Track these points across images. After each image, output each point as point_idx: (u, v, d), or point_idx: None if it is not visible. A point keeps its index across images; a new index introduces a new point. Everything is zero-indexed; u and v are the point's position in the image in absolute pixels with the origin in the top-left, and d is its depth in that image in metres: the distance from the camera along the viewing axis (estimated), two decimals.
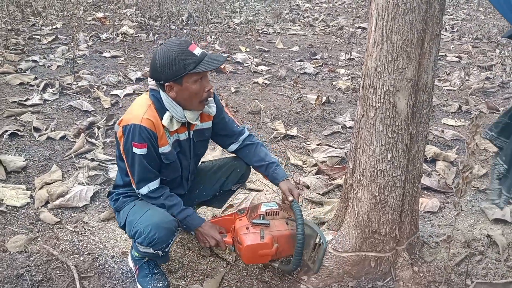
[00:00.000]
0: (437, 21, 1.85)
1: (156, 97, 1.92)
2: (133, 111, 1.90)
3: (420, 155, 2.07)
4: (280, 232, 2.00)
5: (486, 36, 7.82)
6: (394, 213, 2.07)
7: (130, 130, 1.86)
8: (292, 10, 10.21)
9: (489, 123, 4.21)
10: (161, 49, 1.86)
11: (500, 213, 2.68)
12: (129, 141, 1.87)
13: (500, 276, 2.21)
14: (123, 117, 1.92)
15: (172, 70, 1.82)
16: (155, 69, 1.85)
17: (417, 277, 2.16)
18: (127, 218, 1.98)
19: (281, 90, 5.03)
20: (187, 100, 1.90)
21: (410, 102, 1.91)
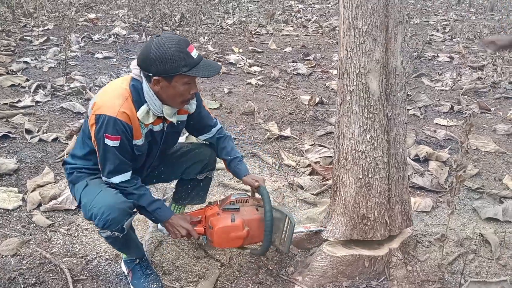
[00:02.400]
0: (398, 9, 2.00)
1: (136, 88, 1.86)
2: (108, 101, 1.82)
3: (401, 140, 2.11)
4: (250, 216, 2.06)
5: (477, 36, 7.88)
6: (381, 197, 2.10)
7: (104, 121, 1.79)
8: (285, 11, 10.23)
9: (480, 122, 4.25)
10: (158, 42, 1.79)
11: (492, 212, 2.70)
12: (101, 132, 1.81)
13: (493, 274, 2.22)
14: (96, 102, 1.84)
15: (165, 66, 1.77)
16: (147, 59, 1.79)
17: (411, 277, 2.18)
18: (81, 200, 1.94)
19: (275, 91, 5.03)
20: (170, 97, 1.87)
21: (381, 83, 2.01)
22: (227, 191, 2.94)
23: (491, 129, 4.08)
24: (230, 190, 2.95)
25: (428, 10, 11.29)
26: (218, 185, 3.02)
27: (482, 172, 3.28)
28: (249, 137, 3.79)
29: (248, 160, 3.37)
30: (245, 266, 2.23)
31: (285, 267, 2.23)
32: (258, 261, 2.26)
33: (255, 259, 2.27)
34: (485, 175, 3.24)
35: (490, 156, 3.55)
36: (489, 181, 3.15)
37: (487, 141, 3.74)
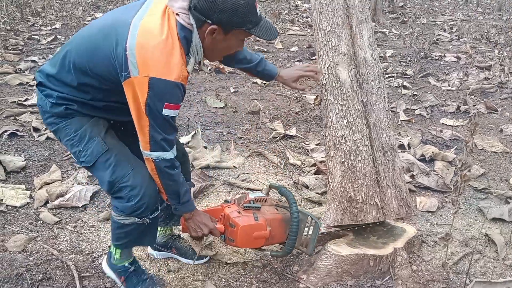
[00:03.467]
0: (359, 10, 2.25)
1: (187, 40, 1.60)
2: (163, 59, 1.52)
3: (383, 125, 2.22)
4: (272, 216, 2.00)
5: (484, 36, 7.83)
6: (366, 179, 2.16)
7: (165, 87, 1.53)
8: (291, 10, 10.22)
9: (487, 123, 4.23)
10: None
11: (498, 212, 2.69)
12: (159, 100, 1.54)
13: (498, 275, 2.22)
14: (146, 58, 1.50)
15: (232, 18, 1.56)
16: (214, 5, 1.53)
17: (415, 276, 2.17)
18: (98, 165, 1.73)
19: (280, 90, 5.04)
20: (216, 50, 1.70)
21: (351, 72, 2.20)
22: (232, 190, 2.95)
23: (498, 130, 4.06)
24: (236, 189, 2.97)
25: (435, 10, 11.23)
26: (224, 183, 3.03)
27: (489, 172, 3.26)
28: (255, 136, 3.80)
29: (254, 159, 3.38)
30: (249, 264, 2.24)
31: (289, 266, 2.24)
32: (262, 259, 2.27)
33: (260, 257, 2.28)
34: (492, 176, 3.22)
35: (496, 156, 3.53)
36: (495, 182, 3.14)
37: (494, 141, 3.72)
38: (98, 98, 1.73)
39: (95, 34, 1.65)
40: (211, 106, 4.45)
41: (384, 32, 8.24)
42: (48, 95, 1.73)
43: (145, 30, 1.53)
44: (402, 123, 4.15)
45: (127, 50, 1.52)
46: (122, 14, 1.65)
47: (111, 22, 1.64)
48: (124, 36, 1.54)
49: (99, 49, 1.60)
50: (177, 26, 1.57)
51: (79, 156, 1.77)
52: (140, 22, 1.55)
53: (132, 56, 1.51)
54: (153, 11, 1.59)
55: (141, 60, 1.51)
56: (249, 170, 3.23)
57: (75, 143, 1.76)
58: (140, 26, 1.54)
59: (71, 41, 1.74)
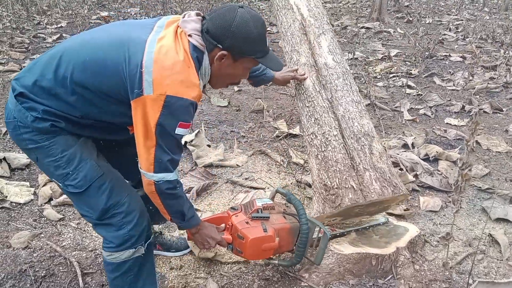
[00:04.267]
0: (316, 26, 2.62)
1: (199, 61, 1.58)
2: (180, 77, 1.48)
3: (353, 115, 2.36)
4: (280, 225, 1.97)
5: (490, 36, 7.79)
6: (339, 165, 2.26)
7: (182, 106, 1.49)
8: None
9: (492, 122, 4.21)
10: (243, 15, 1.56)
11: (502, 212, 2.68)
12: (174, 118, 1.50)
13: (502, 275, 2.21)
14: (162, 75, 1.46)
15: (243, 45, 1.57)
16: (227, 30, 1.53)
17: (418, 276, 2.17)
18: (91, 191, 1.61)
19: (284, 89, 5.03)
20: (222, 76, 1.67)
21: (312, 77, 2.47)
22: (235, 188, 2.95)
23: (503, 130, 4.04)
24: (238, 187, 2.97)
25: (441, 10, 11.18)
26: (227, 182, 3.03)
27: (493, 172, 3.25)
28: (258, 135, 3.80)
29: (257, 158, 3.38)
30: (251, 262, 2.24)
31: None
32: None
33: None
34: (496, 176, 3.20)
35: (501, 156, 3.51)
36: (499, 182, 3.12)
37: (499, 141, 3.70)
38: (89, 116, 1.61)
39: (102, 47, 1.54)
40: (215, 104, 4.45)
41: (389, 31, 8.21)
42: (32, 108, 1.55)
43: (162, 48, 1.49)
44: (406, 123, 4.13)
45: (143, 67, 1.46)
46: (133, 31, 1.58)
47: (122, 37, 1.55)
48: (139, 53, 1.48)
49: (107, 64, 1.51)
50: (190, 46, 1.54)
51: (66, 179, 1.61)
52: (156, 41, 1.51)
53: (148, 73, 1.45)
54: (166, 31, 1.56)
55: (157, 78, 1.45)
56: (252, 168, 3.23)
57: (62, 165, 1.60)
58: (156, 45, 1.50)
59: (65, 50, 1.58)
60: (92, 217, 1.66)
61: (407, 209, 2.72)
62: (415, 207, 2.78)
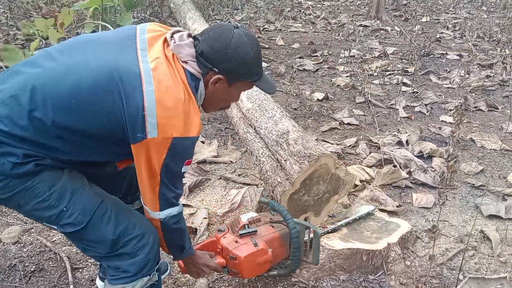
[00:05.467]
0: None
1: (195, 89, 1.47)
2: (183, 115, 1.37)
3: (270, 128, 2.67)
4: (270, 236, 1.92)
5: (487, 34, 7.78)
6: (269, 172, 2.49)
7: (188, 145, 1.42)
8: (294, 7, 10.20)
9: (487, 120, 4.21)
10: (240, 37, 1.46)
11: (495, 209, 2.67)
12: (181, 159, 1.43)
13: (493, 271, 2.20)
14: (167, 116, 1.34)
15: (239, 68, 1.48)
16: (223, 54, 1.44)
17: (409, 271, 2.17)
18: (93, 223, 1.43)
19: (280, 86, 5.02)
20: (215, 101, 1.58)
21: (242, 125, 3.02)
22: (228, 185, 2.95)
23: (498, 127, 4.04)
24: (232, 183, 2.96)
25: (439, 8, 11.17)
26: (220, 178, 3.02)
27: (487, 169, 3.24)
28: None
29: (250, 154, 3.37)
30: None
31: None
32: None
33: None
34: (490, 173, 3.20)
35: (495, 154, 3.51)
36: (493, 179, 3.12)
37: (493, 138, 3.70)
38: (79, 158, 1.46)
39: (86, 82, 1.34)
40: None
41: (387, 29, 8.20)
42: (8, 153, 1.32)
43: (161, 85, 1.35)
44: (401, 120, 4.13)
45: (145, 110, 1.32)
46: (116, 55, 1.39)
47: (108, 68, 1.35)
48: (136, 92, 1.32)
49: (98, 105, 1.34)
50: (186, 75, 1.43)
51: (61, 219, 1.41)
52: (150, 73, 1.35)
53: (151, 116, 1.32)
54: (154, 53, 1.41)
55: (162, 121, 1.33)
56: (246, 165, 3.22)
57: (53, 203, 1.39)
58: (153, 80, 1.34)
59: (36, 83, 1.33)
60: (103, 253, 1.47)
61: (399, 205, 2.72)
62: (408, 204, 2.77)
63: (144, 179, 1.43)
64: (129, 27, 1.52)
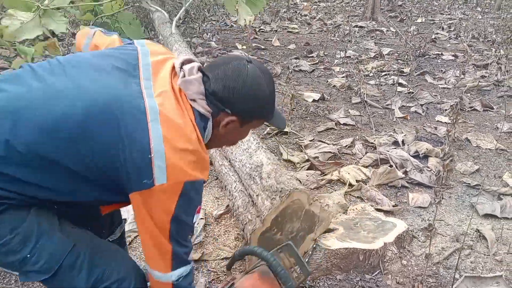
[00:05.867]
0: None
1: (203, 129, 1.29)
2: (200, 160, 1.22)
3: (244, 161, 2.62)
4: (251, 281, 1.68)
5: (482, 35, 7.83)
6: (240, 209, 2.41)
7: (199, 190, 1.26)
8: (289, 8, 10.22)
9: (482, 120, 4.23)
10: (256, 75, 1.30)
11: (490, 208, 2.69)
12: (192, 206, 1.25)
13: (489, 270, 2.21)
14: (183, 165, 1.18)
15: (255, 108, 1.33)
16: (238, 94, 1.28)
17: (405, 271, 2.17)
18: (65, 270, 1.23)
19: (276, 87, 5.03)
20: (223, 141, 1.43)
21: (225, 163, 2.83)
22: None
23: (493, 127, 4.06)
24: None
25: (434, 9, 11.23)
26: (216, 178, 3.02)
27: (482, 169, 3.26)
28: None
29: None
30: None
31: None
32: None
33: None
34: (485, 172, 3.22)
35: (491, 153, 3.52)
36: (489, 178, 3.13)
37: (489, 138, 3.72)
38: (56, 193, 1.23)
39: (78, 114, 1.14)
40: None
41: (382, 30, 8.23)
42: None
43: (170, 123, 1.18)
44: (397, 120, 4.14)
45: (152, 152, 1.14)
46: (117, 84, 1.20)
47: (106, 99, 1.16)
48: (140, 130, 1.15)
49: (87, 142, 1.15)
50: (195, 115, 1.25)
51: (24, 265, 1.20)
52: (157, 110, 1.17)
53: (160, 159, 1.14)
54: (160, 83, 1.25)
55: (172, 164, 1.15)
56: None
57: (16, 248, 1.17)
58: (160, 116, 1.17)
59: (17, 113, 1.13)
60: None
61: (395, 205, 2.73)
62: (404, 203, 2.78)
63: (148, 235, 1.23)
64: (128, 46, 1.36)
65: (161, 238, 1.22)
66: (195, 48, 6.31)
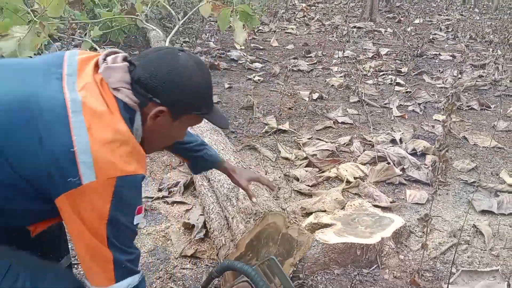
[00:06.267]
0: None
1: (132, 123, 1.17)
2: (134, 151, 1.10)
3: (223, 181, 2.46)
4: None
5: (480, 35, 7.87)
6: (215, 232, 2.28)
7: (136, 186, 1.13)
8: (288, 9, 10.26)
9: (480, 119, 4.25)
10: (188, 63, 1.20)
11: (487, 204, 2.70)
12: (130, 205, 1.12)
13: (485, 264, 2.23)
14: (113, 157, 1.05)
15: (186, 99, 1.20)
16: (166, 81, 1.17)
17: (402, 265, 2.18)
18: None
19: (275, 86, 5.05)
20: (155, 139, 1.28)
21: (204, 182, 2.71)
22: None
23: (490, 126, 4.08)
24: None
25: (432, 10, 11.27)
26: None
27: (480, 166, 3.28)
28: (248, 130, 3.80)
29: (246, 153, 3.39)
30: None
31: None
32: None
33: None
34: (483, 170, 3.23)
35: (488, 151, 3.54)
36: (486, 176, 3.15)
37: (486, 137, 3.74)
38: None
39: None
40: None
41: (380, 31, 8.26)
42: None
43: (94, 113, 1.06)
44: (395, 119, 4.16)
45: (74, 144, 1.02)
46: (36, 82, 1.10)
47: (22, 97, 1.06)
48: (60, 124, 1.03)
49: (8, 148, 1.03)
50: (118, 105, 1.12)
51: None
52: (79, 99, 1.07)
53: (85, 153, 1.02)
54: (84, 78, 1.13)
55: (100, 157, 1.03)
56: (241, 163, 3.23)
57: None
58: (83, 107, 1.06)
59: None
60: None
61: (393, 201, 2.74)
62: (401, 200, 2.80)
63: (84, 245, 1.08)
64: (57, 53, 1.24)
65: (98, 246, 1.07)
66: (194, 47, 6.33)
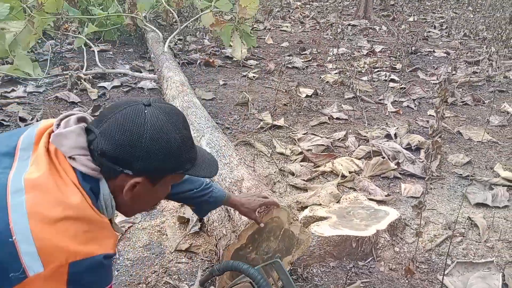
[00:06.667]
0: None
1: (94, 194, 1.01)
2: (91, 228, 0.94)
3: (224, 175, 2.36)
4: None
5: (473, 33, 7.90)
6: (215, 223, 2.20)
7: (96, 270, 0.94)
8: (283, 7, 10.26)
9: (474, 114, 4.26)
10: (157, 121, 1.03)
11: (482, 197, 2.71)
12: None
13: (480, 256, 2.24)
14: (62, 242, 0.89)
15: (164, 163, 1.05)
16: (136, 150, 1.00)
17: (398, 257, 2.19)
18: None
19: (269, 83, 5.04)
20: (137, 206, 1.16)
21: None
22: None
23: (484, 121, 4.09)
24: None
25: (426, 9, 11.31)
26: None
27: (474, 161, 3.29)
28: (243, 126, 3.80)
29: (241, 148, 3.38)
30: None
31: None
32: None
33: None
34: (477, 164, 3.25)
35: (482, 146, 3.56)
36: (480, 169, 3.16)
37: (480, 131, 3.75)
38: None
39: None
40: (200, 97, 4.44)
41: (375, 28, 8.28)
42: None
43: (38, 190, 0.92)
44: (389, 114, 4.17)
45: (13, 233, 0.87)
46: None
47: None
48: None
49: None
50: (77, 175, 0.98)
51: None
52: (21, 178, 0.94)
53: (25, 241, 0.87)
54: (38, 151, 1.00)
55: (47, 242, 0.88)
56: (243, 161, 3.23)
57: None
58: (25, 186, 0.92)
59: None
60: None
61: (388, 195, 2.74)
62: (396, 194, 2.80)
63: None
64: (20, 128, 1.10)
65: None
66: (188, 46, 6.32)
